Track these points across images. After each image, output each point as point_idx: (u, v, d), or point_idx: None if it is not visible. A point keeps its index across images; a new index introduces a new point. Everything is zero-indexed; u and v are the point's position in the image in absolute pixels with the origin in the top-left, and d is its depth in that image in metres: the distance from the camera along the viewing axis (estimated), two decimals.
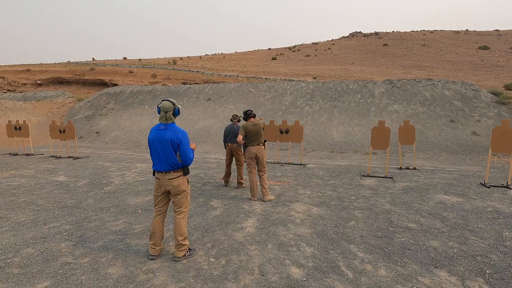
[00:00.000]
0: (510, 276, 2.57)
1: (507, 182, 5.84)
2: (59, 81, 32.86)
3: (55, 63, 45.44)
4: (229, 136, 5.71)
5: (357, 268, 2.73)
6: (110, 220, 3.97)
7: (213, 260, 2.88)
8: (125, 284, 2.46)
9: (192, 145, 3.05)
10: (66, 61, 48.98)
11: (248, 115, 4.92)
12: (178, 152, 2.81)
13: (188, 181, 2.98)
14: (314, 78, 30.31)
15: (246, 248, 3.12)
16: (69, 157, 9.89)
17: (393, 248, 3.12)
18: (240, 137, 4.71)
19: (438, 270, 2.69)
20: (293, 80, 25.16)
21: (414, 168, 7.69)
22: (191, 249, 3.01)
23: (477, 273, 2.63)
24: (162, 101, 2.84)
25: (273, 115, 14.91)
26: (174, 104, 2.85)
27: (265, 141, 4.97)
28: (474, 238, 3.38)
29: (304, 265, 2.78)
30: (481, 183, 6.01)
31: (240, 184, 5.76)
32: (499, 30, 75.30)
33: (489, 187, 5.71)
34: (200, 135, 14.20)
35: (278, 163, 8.63)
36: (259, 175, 4.90)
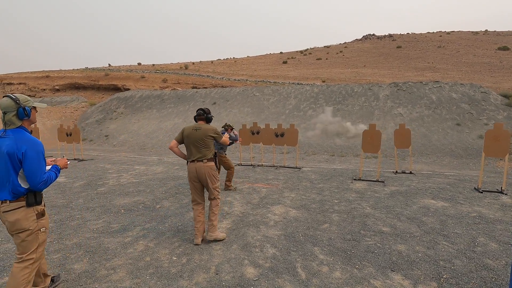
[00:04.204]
0: (466, 282, 2.52)
1: (501, 187, 5.64)
2: (75, 87, 34.22)
3: (73, 69, 47.36)
4: None
5: (313, 269, 2.74)
6: (91, 219, 4.15)
7: (175, 258, 2.97)
8: (83, 279, 2.59)
9: (59, 161, 2.23)
10: (84, 67, 50.95)
11: (198, 114, 3.38)
12: (21, 170, 1.97)
13: (41, 214, 2.10)
14: (323, 81, 30.13)
15: (211, 248, 3.20)
16: (74, 159, 10.30)
17: (356, 251, 3.11)
18: (172, 143, 3.32)
19: (394, 273, 2.67)
20: (302, 84, 25.11)
21: (410, 172, 7.54)
22: None
23: (432, 277, 2.59)
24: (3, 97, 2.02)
25: (276, 119, 14.96)
26: (17, 102, 1.97)
27: (215, 155, 3.44)
28: (445, 243, 3.31)
29: (261, 265, 2.82)
30: (475, 188, 5.83)
31: (227, 186, 5.84)
32: None
33: (482, 192, 5.53)
34: None
35: (274, 166, 8.66)
36: (209, 205, 3.46)
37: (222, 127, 5.93)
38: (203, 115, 3.39)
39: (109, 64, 57.19)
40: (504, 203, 4.85)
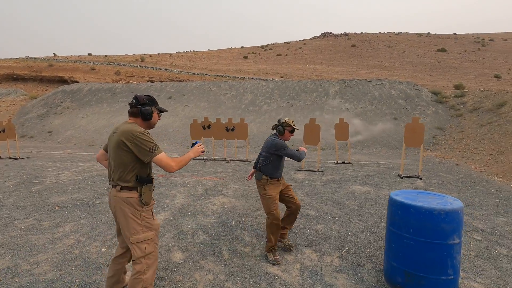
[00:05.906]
0: (362, 251, 2.98)
1: (417, 173, 6.49)
2: (13, 78, 30.86)
3: (10, 59, 42.49)
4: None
5: (236, 250, 3.02)
6: (20, 218, 3.99)
7: (105, 250, 3.04)
8: (2, 275, 2.56)
9: None
10: (24, 56, 45.99)
11: (130, 105, 2.04)
12: None
13: None
14: (282, 77, 30.89)
15: None
16: (9, 157, 9.49)
17: None
18: (98, 153, 2.27)
19: (306, 248, 3.05)
20: (259, 79, 25.52)
21: (349, 163, 8.25)
22: None
23: (337, 249, 3.02)
24: None
25: (232, 114, 15.12)
26: None
27: (142, 180, 2.02)
28: (358, 221, 3.81)
29: (189, 250, 3.02)
30: (398, 175, 6.62)
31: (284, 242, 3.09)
32: (456, 34, 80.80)
33: (402, 178, 6.32)
34: (157, 133, 14.09)
35: (225, 160, 8.87)
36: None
37: (277, 127, 2.97)
38: (135, 106, 2.01)
39: (54, 54, 52.25)
40: (417, 186, 5.62)
